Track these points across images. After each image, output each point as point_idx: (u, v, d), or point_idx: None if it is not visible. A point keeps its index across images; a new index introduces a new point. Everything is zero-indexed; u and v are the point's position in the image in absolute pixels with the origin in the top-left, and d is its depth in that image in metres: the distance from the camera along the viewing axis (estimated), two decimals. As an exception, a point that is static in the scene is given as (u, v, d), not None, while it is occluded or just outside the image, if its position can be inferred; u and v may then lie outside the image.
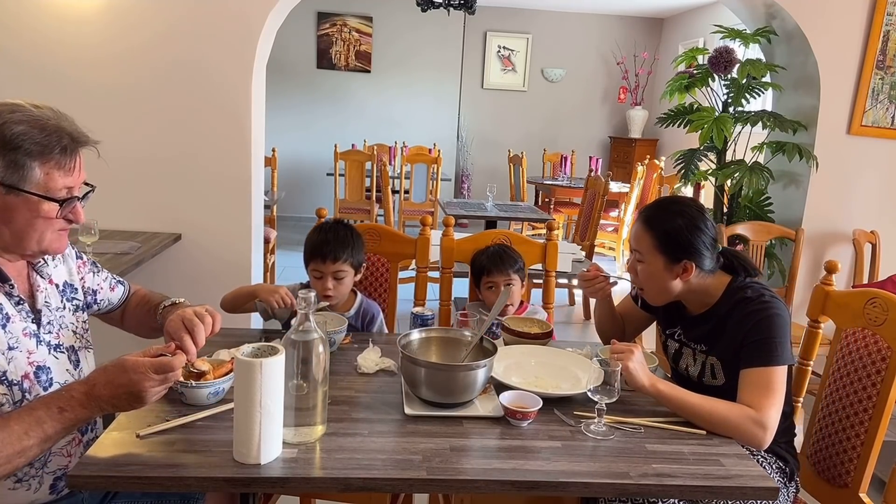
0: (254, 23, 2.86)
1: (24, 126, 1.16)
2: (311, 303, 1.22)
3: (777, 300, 1.53)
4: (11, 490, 1.21)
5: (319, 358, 1.22)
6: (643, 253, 1.59)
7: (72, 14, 2.83)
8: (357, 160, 5.84)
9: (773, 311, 1.50)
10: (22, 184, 1.17)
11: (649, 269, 1.59)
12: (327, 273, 1.88)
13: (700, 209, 1.61)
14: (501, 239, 2.26)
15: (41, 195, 1.19)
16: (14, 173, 1.16)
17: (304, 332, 1.21)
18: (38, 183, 1.18)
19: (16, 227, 1.20)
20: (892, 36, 3.16)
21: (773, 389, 1.43)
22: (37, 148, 1.17)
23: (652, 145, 7.67)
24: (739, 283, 1.59)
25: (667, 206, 1.63)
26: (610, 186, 4.81)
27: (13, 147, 1.15)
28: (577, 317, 4.65)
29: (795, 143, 3.21)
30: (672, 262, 1.56)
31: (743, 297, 1.55)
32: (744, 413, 1.40)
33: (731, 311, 1.55)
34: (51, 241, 1.25)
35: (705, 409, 1.40)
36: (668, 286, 1.59)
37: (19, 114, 1.18)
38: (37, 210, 1.20)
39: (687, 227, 1.55)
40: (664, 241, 1.55)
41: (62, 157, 1.20)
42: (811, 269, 3.38)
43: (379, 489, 1.20)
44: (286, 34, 5.60)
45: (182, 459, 1.16)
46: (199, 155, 2.95)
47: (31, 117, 1.18)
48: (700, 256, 1.55)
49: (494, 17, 7.75)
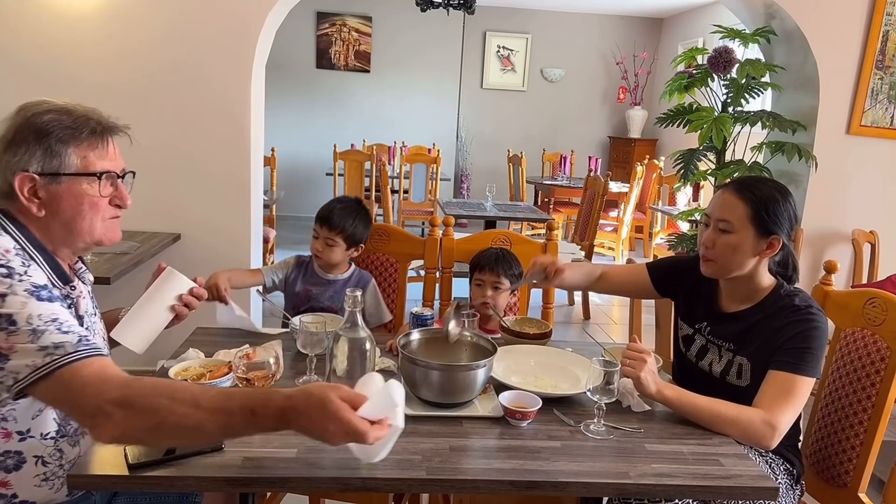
0: (253, 22, 2.86)
1: (52, 115, 1.20)
2: (358, 302, 1.27)
3: (822, 315, 1.51)
4: (37, 487, 1.21)
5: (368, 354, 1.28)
6: (733, 222, 1.52)
7: (71, 12, 2.83)
8: (356, 160, 5.84)
9: (818, 323, 1.48)
10: (61, 169, 1.20)
11: (735, 241, 1.52)
12: (321, 236, 2.08)
13: (784, 185, 1.59)
14: (502, 239, 2.26)
15: (79, 173, 1.21)
16: (52, 160, 1.19)
17: (352, 329, 1.27)
18: (76, 167, 1.21)
19: (64, 218, 1.22)
20: (891, 36, 3.17)
21: (795, 396, 1.42)
22: (67, 132, 1.20)
23: (651, 145, 7.67)
24: (787, 290, 1.56)
25: (760, 179, 1.60)
26: (609, 186, 4.82)
27: (45, 133, 1.19)
28: (576, 317, 4.65)
29: (795, 143, 3.22)
30: (761, 236, 1.52)
31: (791, 304, 1.52)
32: (754, 415, 1.39)
33: (775, 315, 1.52)
34: (103, 229, 1.27)
35: (713, 411, 1.40)
36: (745, 262, 1.54)
37: (46, 105, 1.22)
38: (80, 193, 1.22)
39: (780, 199, 1.53)
40: (759, 211, 1.51)
41: (93, 139, 1.23)
42: (810, 269, 3.38)
43: (379, 489, 1.21)
44: (285, 34, 5.58)
45: (181, 459, 1.15)
46: (199, 154, 2.95)
47: (56, 107, 1.22)
48: (784, 234, 1.53)
49: (494, 16, 7.75)
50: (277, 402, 1.03)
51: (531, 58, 7.95)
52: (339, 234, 2.07)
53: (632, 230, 6.17)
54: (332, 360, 1.27)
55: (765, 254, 1.54)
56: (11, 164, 1.18)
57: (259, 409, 1.03)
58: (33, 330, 1.06)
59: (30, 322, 1.06)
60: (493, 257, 2.06)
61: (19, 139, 1.19)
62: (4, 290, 1.07)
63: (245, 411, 1.03)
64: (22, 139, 1.19)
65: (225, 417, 1.03)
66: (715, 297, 1.67)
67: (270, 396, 1.05)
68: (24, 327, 1.06)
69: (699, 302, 1.70)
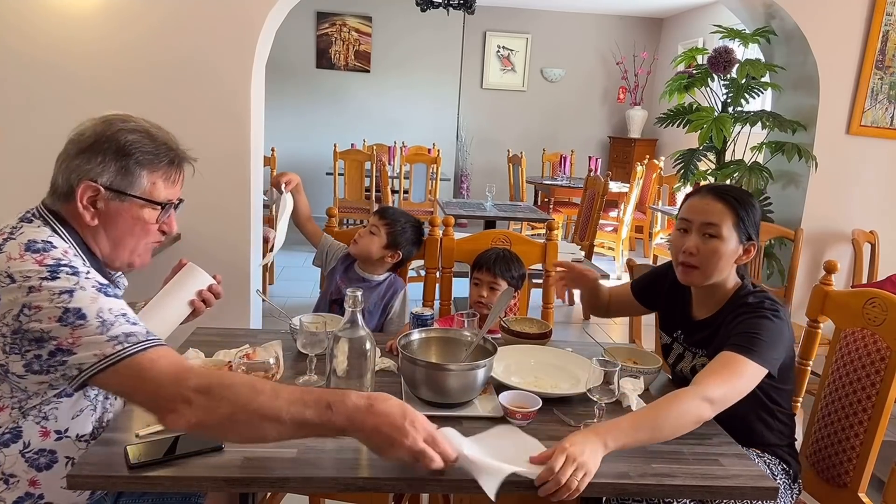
0: (253, 22, 2.86)
1: (136, 135, 1.23)
2: (359, 302, 1.28)
3: (780, 311, 1.49)
4: (63, 489, 1.22)
5: (368, 354, 1.28)
6: (721, 227, 1.53)
7: (71, 12, 2.83)
8: (356, 160, 5.84)
9: (768, 315, 1.47)
10: (129, 189, 1.23)
11: (722, 248, 1.53)
12: (369, 223, 2.16)
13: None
14: (502, 239, 2.26)
15: (145, 198, 1.24)
16: (123, 179, 1.22)
17: (351, 329, 1.27)
18: (143, 190, 1.24)
19: (116, 234, 1.25)
20: (891, 36, 3.17)
21: (736, 375, 1.35)
22: (147, 157, 1.24)
23: (651, 145, 7.67)
24: (747, 290, 1.58)
25: (731, 186, 1.64)
26: (609, 186, 4.81)
27: (126, 154, 1.21)
28: (576, 317, 4.65)
29: (795, 143, 3.22)
30: (740, 242, 1.55)
31: (745, 302, 1.54)
32: (684, 397, 1.30)
33: (732, 314, 1.54)
34: (141, 252, 1.31)
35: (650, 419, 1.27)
36: (726, 268, 1.56)
37: (132, 123, 1.25)
38: (138, 216, 1.25)
39: (756, 207, 1.58)
40: (742, 217, 1.54)
41: (169, 169, 1.27)
42: (810, 269, 3.38)
43: (379, 489, 1.21)
44: (285, 34, 5.59)
45: (182, 459, 1.16)
46: (199, 154, 2.90)
47: (142, 128, 1.25)
48: (758, 242, 1.58)
49: (494, 16, 7.75)
50: (353, 399, 1.08)
51: (531, 58, 7.95)
52: (386, 225, 2.12)
53: (632, 230, 6.18)
54: (333, 361, 1.27)
55: (740, 260, 1.57)
56: (82, 169, 1.20)
57: (335, 403, 1.07)
58: (102, 322, 1.09)
59: (100, 315, 1.09)
60: (493, 258, 2.06)
61: (97, 149, 1.20)
62: (72, 286, 1.09)
63: (321, 404, 1.06)
64: (100, 150, 1.20)
65: (301, 408, 1.06)
66: (688, 304, 1.69)
67: (347, 394, 1.09)
68: (94, 320, 1.08)
69: (675, 310, 1.72)
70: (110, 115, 1.25)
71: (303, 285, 4.91)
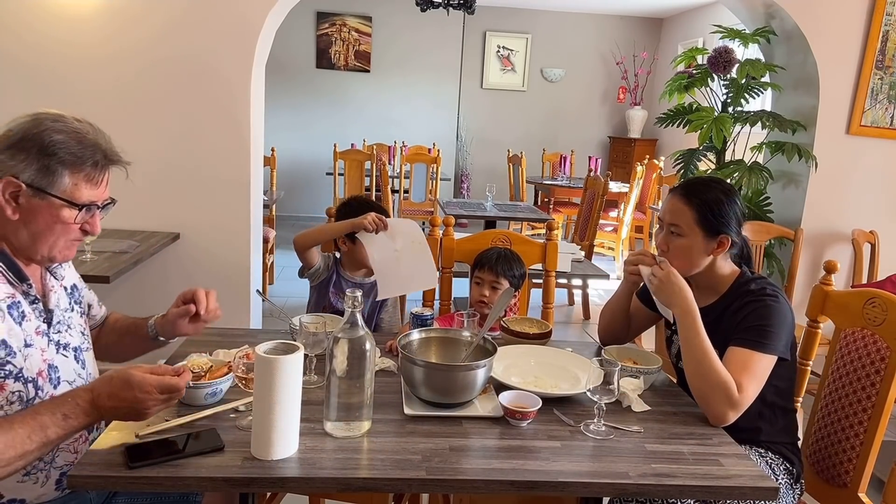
0: (253, 22, 2.86)
1: (63, 136, 1.22)
2: (358, 302, 1.27)
3: (781, 297, 1.55)
4: (20, 483, 1.22)
5: (368, 354, 1.27)
6: (682, 226, 1.60)
7: (70, 13, 2.83)
8: (356, 160, 5.84)
9: (772, 302, 1.52)
10: (49, 188, 1.22)
11: (686, 244, 1.60)
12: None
13: (731, 185, 1.67)
14: (502, 239, 2.26)
15: (65, 199, 1.23)
16: (44, 178, 1.21)
17: (351, 329, 1.26)
18: (64, 190, 1.23)
19: (34, 229, 1.24)
20: (891, 36, 3.17)
21: (754, 373, 1.45)
22: (71, 158, 1.23)
23: (651, 145, 7.67)
24: (746, 277, 1.62)
25: (703, 182, 1.67)
26: (609, 186, 4.81)
27: (49, 153, 1.21)
28: (576, 317, 4.65)
29: (795, 143, 3.22)
30: (709, 237, 1.59)
31: (747, 289, 1.58)
32: (727, 382, 1.41)
33: (734, 302, 1.58)
34: (61, 248, 1.29)
35: (707, 352, 1.44)
36: (699, 261, 1.62)
37: (61, 124, 1.24)
38: (57, 215, 1.24)
39: (724, 200, 1.60)
40: (704, 213, 1.58)
41: (93, 171, 1.26)
42: (810, 269, 3.38)
43: (379, 489, 1.21)
44: (285, 34, 5.59)
45: (181, 459, 1.16)
46: (199, 154, 2.95)
47: (71, 129, 1.24)
48: (733, 232, 1.60)
49: (494, 16, 7.75)
50: (83, 396, 1.13)
51: (531, 58, 7.95)
52: None
53: (632, 230, 6.17)
54: (332, 361, 1.27)
55: (717, 252, 1.61)
56: (6, 165, 1.20)
57: (69, 410, 1.12)
58: None
59: None
60: (494, 257, 2.06)
61: (22, 147, 1.20)
62: None
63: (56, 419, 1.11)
64: (24, 148, 1.20)
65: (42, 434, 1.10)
66: None
67: (75, 395, 1.14)
68: None
69: None
70: (41, 114, 1.24)
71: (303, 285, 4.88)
